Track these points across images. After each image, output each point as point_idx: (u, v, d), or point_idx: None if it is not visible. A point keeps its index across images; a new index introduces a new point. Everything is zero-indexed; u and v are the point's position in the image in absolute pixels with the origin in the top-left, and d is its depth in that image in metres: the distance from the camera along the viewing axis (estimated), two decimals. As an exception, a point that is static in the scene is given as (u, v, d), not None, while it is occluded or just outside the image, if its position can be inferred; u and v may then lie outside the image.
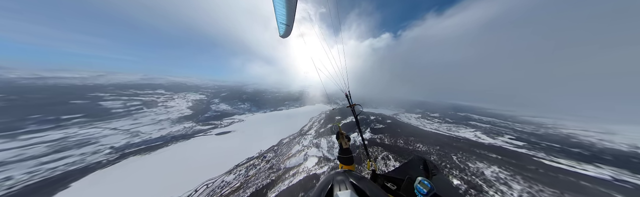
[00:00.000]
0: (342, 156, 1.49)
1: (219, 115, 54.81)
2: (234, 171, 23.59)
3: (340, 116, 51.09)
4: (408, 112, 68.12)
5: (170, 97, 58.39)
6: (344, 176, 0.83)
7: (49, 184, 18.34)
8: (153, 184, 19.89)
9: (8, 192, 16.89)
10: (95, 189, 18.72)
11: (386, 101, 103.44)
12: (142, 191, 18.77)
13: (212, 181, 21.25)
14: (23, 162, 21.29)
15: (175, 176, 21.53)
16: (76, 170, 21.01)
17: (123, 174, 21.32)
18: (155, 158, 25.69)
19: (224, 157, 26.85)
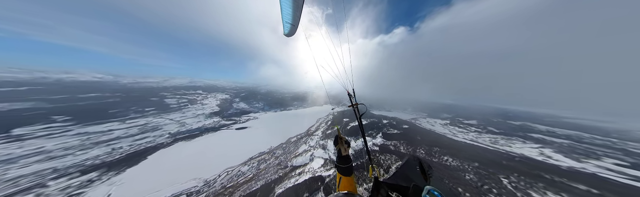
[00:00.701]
0: (340, 165, 1.33)
1: (238, 112, 64.24)
2: (248, 163, 26.84)
3: (348, 118, 46.83)
4: (431, 117, 61.04)
5: (206, 96, 74.15)
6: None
7: (137, 154, 27.96)
8: (190, 164, 26.35)
9: (119, 157, 27.21)
10: (159, 162, 26.86)
11: (402, 103, 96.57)
12: (184, 169, 25.43)
13: (231, 169, 25.30)
14: (127, 138, 32.83)
15: (205, 161, 27.39)
16: (150, 147, 30.83)
17: (174, 154, 29.64)
18: (193, 144, 33.94)
19: (241, 149, 31.15)
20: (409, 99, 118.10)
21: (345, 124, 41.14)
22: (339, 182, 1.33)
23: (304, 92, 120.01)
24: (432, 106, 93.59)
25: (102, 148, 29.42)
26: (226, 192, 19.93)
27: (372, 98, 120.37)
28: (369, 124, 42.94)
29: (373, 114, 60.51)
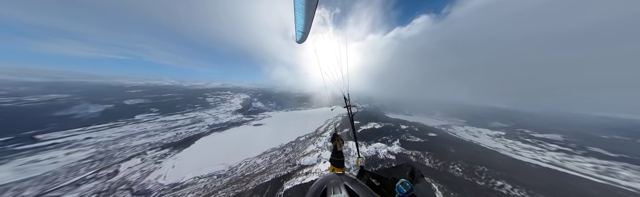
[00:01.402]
0: (334, 159, 1.56)
1: (256, 110, 76.23)
2: (262, 156, 30.24)
3: (359, 121, 43.46)
4: (472, 126, 50.27)
5: (232, 96, 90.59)
6: (338, 179, 0.91)
7: (189, 139, 38.82)
8: (220, 151, 33.16)
9: (180, 140, 38.77)
10: (201, 147, 36.20)
11: (427, 106, 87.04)
12: (216, 154, 32.32)
13: (249, 159, 29.14)
14: (184, 126, 45.95)
15: (230, 150, 32.50)
16: (196, 135, 41.95)
17: (210, 142, 39.16)
18: (223, 135, 43.51)
19: (257, 143, 36.19)
20: (436, 101, 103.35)
21: (356, 127, 39.12)
22: (332, 172, 1.61)
23: (312, 93, 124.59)
24: (474, 110, 77.81)
25: (171, 132, 42.24)
26: (244, 180, 23.02)
27: (385, 99, 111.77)
28: (383, 128, 37.93)
29: (388, 117, 53.31)
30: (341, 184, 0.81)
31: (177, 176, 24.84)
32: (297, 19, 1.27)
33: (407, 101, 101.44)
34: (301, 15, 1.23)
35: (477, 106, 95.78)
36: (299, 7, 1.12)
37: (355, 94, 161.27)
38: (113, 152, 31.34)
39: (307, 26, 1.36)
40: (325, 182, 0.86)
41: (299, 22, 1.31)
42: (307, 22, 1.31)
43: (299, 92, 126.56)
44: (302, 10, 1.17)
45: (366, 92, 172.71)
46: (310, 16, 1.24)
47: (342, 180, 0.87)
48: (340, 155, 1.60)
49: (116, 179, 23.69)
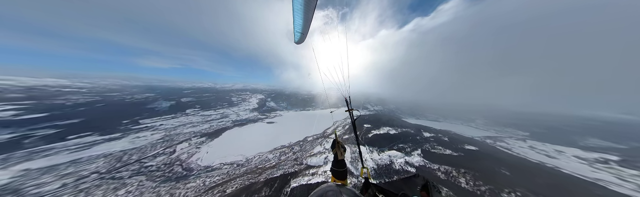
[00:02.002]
0: (335, 169, 1.36)
1: (269, 109, 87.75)
2: (273, 152, 33.47)
3: (370, 124, 39.03)
4: (542, 141, 37.70)
5: (251, 96, 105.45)
6: (336, 192, 0.76)
7: (218, 131, 49.89)
8: (239, 144, 38.37)
9: (212, 131, 50.33)
10: (226, 138, 45.71)
11: (461, 110, 73.61)
12: (236, 146, 39.45)
13: (261, 154, 32.94)
14: (215, 120, 59.49)
15: (247, 143, 38.18)
16: (223, 128, 53.43)
17: (233, 134, 48.94)
18: (242, 130, 52.95)
19: (269, 139, 40.50)
20: (474, 105, 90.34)
21: (367, 131, 34.63)
22: None
23: (319, 94, 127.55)
24: (546, 120, 58.21)
25: (207, 124, 54.92)
26: (257, 172, 25.03)
27: (401, 102, 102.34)
28: (399, 134, 33.32)
29: (405, 122, 46.34)
30: (341, 195, 0.71)
31: (209, 160, 32.93)
32: (296, 20, 1.26)
33: (431, 104, 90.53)
34: (300, 17, 1.22)
35: (552, 114, 71.19)
36: (297, 7, 1.12)
37: (365, 94, 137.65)
38: (173, 136, 44.50)
39: (306, 27, 1.36)
40: (324, 193, 0.76)
41: (298, 23, 1.30)
42: (306, 23, 1.30)
43: (307, 93, 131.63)
44: (300, 12, 1.17)
45: (378, 93, 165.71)
46: (308, 18, 1.24)
47: (341, 193, 0.75)
48: (342, 165, 1.39)
49: (174, 156, 34.51)
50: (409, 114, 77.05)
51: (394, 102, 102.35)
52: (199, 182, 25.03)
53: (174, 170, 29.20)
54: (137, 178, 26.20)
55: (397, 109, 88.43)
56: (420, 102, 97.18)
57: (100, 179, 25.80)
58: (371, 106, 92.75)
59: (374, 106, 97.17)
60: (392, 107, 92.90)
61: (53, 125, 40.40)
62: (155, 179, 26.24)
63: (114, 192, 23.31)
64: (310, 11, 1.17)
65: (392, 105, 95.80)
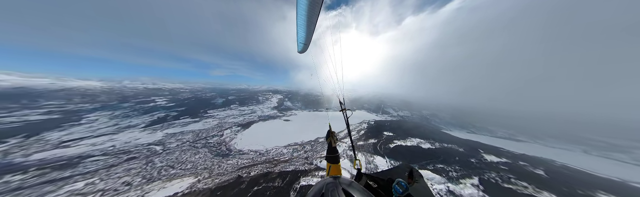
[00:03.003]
0: (329, 155, 1.65)
1: (286, 108, 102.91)
2: (287, 147, 36.19)
3: (392, 132, 37.13)
4: None
5: (272, 96, 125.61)
6: (335, 183, 0.90)
7: (248, 123, 66.32)
8: (262, 136, 44.19)
9: (244, 123, 67.85)
10: (253, 130, 58.39)
11: (558, 124, 52.75)
12: (259, 137, 43.52)
13: (278, 147, 36.42)
14: (247, 114, 78.95)
15: (266, 136, 43.81)
16: (251, 121, 70.31)
17: (258, 127, 62.30)
18: (265, 124, 66.09)
19: (285, 135, 44.56)
20: (580, 117, 66.05)
21: (388, 140, 32.05)
22: (329, 169, 1.64)
23: (332, 96, 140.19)
24: None
25: (241, 117, 73.15)
26: (273, 163, 27.95)
27: (435, 106, 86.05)
28: (436, 151, 27.53)
29: (448, 135, 39.72)
30: (338, 187, 0.82)
31: (241, 146, 40.24)
32: (299, 32, 1.44)
33: (487, 111, 72.53)
34: (303, 30, 1.41)
35: None
36: (301, 22, 1.27)
37: (383, 96, 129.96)
38: (222, 123, 63.21)
39: (308, 39, 1.56)
40: (322, 187, 0.87)
41: (301, 35, 1.48)
42: (308, 36, 1.50)
43: (320, 94, 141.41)
44: (303, 25, 1.34)
45: (401, 95, 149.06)
46: (311, 30, 1.42)
47: (340, 183, 0.89)
48: (335, 151, 1.67)
49: (222, 139, 49.75)
50: (454, 125, 61.41)
51: (425, 106, 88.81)
52: (234, 161, 32.13)
53: (221, 148, 41.87)
54: (204, 149, 41.28)
55: (432, 117, 74.83)
56: (466, 109, 78.63)
57: (189, 145, 43.39)
58: (394, 110, 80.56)
59: (398, 110, 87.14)
60: (426, 113, 79.66)
61: (175, 110, 70.67)
62: (213, 152, 39.60)
63: (194, 155, 38.48)
64: (312, 24, 1.38)
65: (424, 111, 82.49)
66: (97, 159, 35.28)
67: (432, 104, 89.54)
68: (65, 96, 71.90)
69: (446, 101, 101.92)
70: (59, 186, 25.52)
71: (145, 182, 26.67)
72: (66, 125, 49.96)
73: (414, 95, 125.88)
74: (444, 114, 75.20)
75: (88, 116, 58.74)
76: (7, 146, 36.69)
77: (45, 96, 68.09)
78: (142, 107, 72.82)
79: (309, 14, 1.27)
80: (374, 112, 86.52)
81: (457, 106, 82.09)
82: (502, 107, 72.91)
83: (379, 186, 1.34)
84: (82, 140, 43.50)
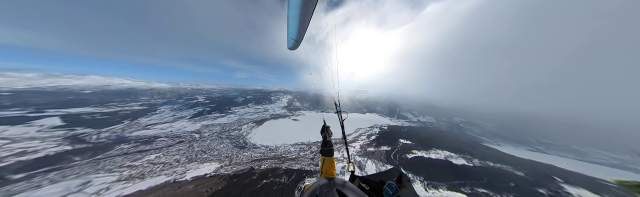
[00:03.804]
0: (324, 149, 1.75)
1: (295, 108, 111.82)
2: (294, 146, 38.29)
3: (409, 140, 34.27)
4: None
5: (283, 96, 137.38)
6: (329, 184, 0.94)
7: (262, 120, 77.31)
8: (273, 133, 49.88)
9: (258, 120, 79.75)
10: (265, 127, 67.85)
11: None
12: (270, 134, 49.61)
13: (286, 144, 39.46)
14: (261, 112, 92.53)
15: (277, 134, 48.74)
16: (264, 119, 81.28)
17: (270, 124, 71.73)
18: (276, 122, 74.66)
19: (293, 134, 47.12)
20: None
21: (405, 149, 29.52)
22: (323, 162, 1.70)
23: (341, 97, 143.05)
24: None
25: (256, 115, 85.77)
26: (281, 159, 30.03)
27: (473, 111, 70.86)
28: (477, 169, 21.83)
29: (493, 150, 31.82)
30: (333, 188, 0.84)
31: (255, 140, 45.80)
32: (290, 27, 1.28)
33: (561, 120, 55.00)
34: (294, 25, 1.24)
35: None
36: (293, 15, 1.12)
37: (398, 98, 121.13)
38: (241, 119, 75.88)
39: (300, 35, 1.40)
40: (316, 188, 0.90)
41: (292, 30, 1.32)
42: (300, 32, 1.34)
43: (329, 95, 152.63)
44: (296, 19, 1.17)
45: (422, 97, 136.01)
46: (303, 27, 1.26)
47: (334, 184, 0.92)
48: (329, 145, 1.76)
49: (240, 133, 60.75)
50: (505, 138, 48.52)
51: (457, 111, 74.12)
52: (248, 154, 35.90)
53: (239, 141, 50.06)
54: (227, 140, 50.92)
55: (468, 125, 60.90)
56: (524, 116, 60.07)
57: (216, 136, 55.22)
58: (413, 115, 74.97)
59: (418, 115, 79.40)
60: (458, 120, 66.94)
61: (209, 106, 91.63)
62: (233, 143, 48.28)
63: (219, 144, 48.26)
64: (306, 20, 1.20)
65: (456, 117, 69.45)
66: (162, 139, 51.09)
67: (467, 109, 75.51)
68: (150, 94, 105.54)
69: (484, 105, 77.86)
70: (143, 155, 40.01)
71: (187, 161, 37.03)
72: (149, 114, 74.79)
73: (438, 98, 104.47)
74: (486, 122, 59.98)
75: (160, 108, 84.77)
76: (123, 125, 61.07)
77: (141, 94, 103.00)
78: (189, 103, 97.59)
79: (303, 6, 1.09)
80: (388, 116, 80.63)
81: (508, 112, 64.50)
82: (588, 117, 46.82)
83: (371, 188, 1.41)
84: (156, 125, 63.43)
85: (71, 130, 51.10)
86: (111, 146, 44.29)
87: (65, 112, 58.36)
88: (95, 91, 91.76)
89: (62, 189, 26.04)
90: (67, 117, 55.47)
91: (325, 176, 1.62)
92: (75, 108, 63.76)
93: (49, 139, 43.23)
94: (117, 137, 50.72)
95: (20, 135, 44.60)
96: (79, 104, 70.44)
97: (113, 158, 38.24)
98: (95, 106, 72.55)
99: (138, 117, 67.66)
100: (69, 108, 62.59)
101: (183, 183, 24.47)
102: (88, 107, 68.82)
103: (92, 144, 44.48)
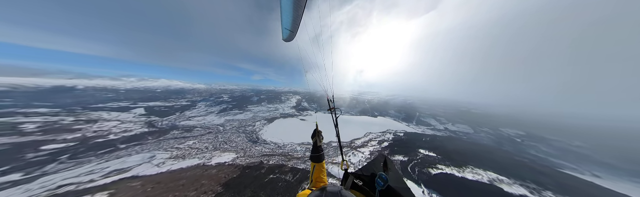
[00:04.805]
0: (313, 155, 1.71)
1: (303, 108, 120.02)
2: (300, 145, 41.48)
3: (433, 151, 28.40)
4: None
5: (292, 96, 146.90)
6: (322, 195, 0.89)
7: (272, 119, 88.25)
8: (281, 131, 63.63)
9: (269, 117, 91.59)
10: (275, 125, 78.10)
11: None
12: (279, 132, 63.38)
13: (293, 143, 42.32)
14: (272, 111, 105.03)
15: (285, 132, 55.69)
16: (274, 117, 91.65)
17: (280, 123, 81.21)
18: (285, 121, 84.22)
19: (299, 134, 50.22)
20: None
21: (426, 162, 24.95)
22: (313, 169, 1.66)
23: (348, 98, 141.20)
24: None
25: (268, 113, 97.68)
26: (287, 157, 31.98)
27: (528, 115, 53.72)
28: None
29: (576, 179, 22.89)
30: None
31: (266, 136, 58.85)
32: (284, 16, 1.19)
33: None
34: (289, 13, 1.15)
35: None
36: (286, 2, 1.03)
37: (416, 101, 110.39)
38: (255, 117, 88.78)
39: (295, 25, 1.29)
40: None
41: (286, 20, 1.23)
42: (295, 21, 1.24)
43: (337, 96, 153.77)
44: (290, 7, 1.09)
45: (452, 101, 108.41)
46: (298, 14, 1.16)
47: (328, 194, 0.89)
48: (319, 150, 1.71)
49: (254, 128, 70.99)
50: (614, 168, 31.31)
51: (511, 121, 51.32)
52: (259, 148, 40.80)
53: (253, 136, 58.96)
54: (242, 135, 61.06)
55: (534, 140, 41.10)
56: None
57: (235, 130, 66.91)
58: (438, 121, 60.50)
59: (446, 122, 63.02)
60: (512, 133, 46.17)
61: (231, 104, 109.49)
62: (247, 137, 57.12)
63: (237, 137, 58.26)
64: (300, 7, 1.12)
65: (509, 128, 47.78)
66: (198, 129, 66.07)
67: (527, 119, 51.03)
68: (192, 92, 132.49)
69: (571, 115, 51.92)
70: (185, 140, 53.51)
71: (212, 149, 46.95)
72: (191, 108, 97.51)
73: (476, 102, 79.06)
74: (570, 139, 39.71)
75: (198, 104, 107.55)
76: (175, 116, 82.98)
77: (187, 92, 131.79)
78: (217, 100, 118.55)
79: None
80: (405, 121, 73.55)
81: (613, 127, 41.11)
82: None
83: (364, 183, 1.42)
84: (194, 117, 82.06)
85: (148, 117, 75.54)
86: (168, 131, 61.39)
87: (146, 105, 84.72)
88: (162, 90, 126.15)
89: (139, 159, 39.22)
90: (147, 108, 79.96)
91: (315, 184, 1.58)
92: (152, 102, 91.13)
93: (138, 123, 65.27)
94: (172, 124, 70.00)
95: (126, 119, 69.85)
96: (154, 99, 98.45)
97: (168, 140, 53.03)
98: (161, 100, 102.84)
99: (184, 111, 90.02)
100: (149, 102, 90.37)
101: (209, 167, 29.55)
102: (158, 101, 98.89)
103: (157, 129, 63.02)
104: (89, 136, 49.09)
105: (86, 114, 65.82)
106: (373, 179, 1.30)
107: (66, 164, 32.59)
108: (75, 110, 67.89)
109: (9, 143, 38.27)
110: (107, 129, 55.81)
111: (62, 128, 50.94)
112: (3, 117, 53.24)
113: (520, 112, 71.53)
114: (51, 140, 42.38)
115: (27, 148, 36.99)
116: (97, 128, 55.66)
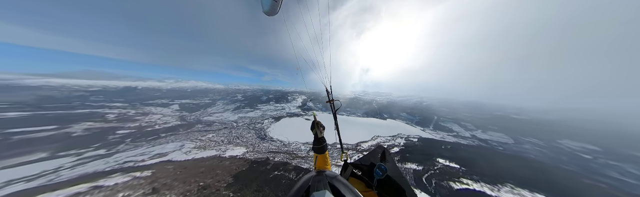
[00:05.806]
0: (316, 146, 1.73)
1: (309, 108, 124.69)
2: (304, 145, 40.23)
3: (455, 162, 26.70)
4: None
5: (299, 97, 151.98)
6: (320, 176, 0.94)
7: (279, 117, 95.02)
8: (287, 129, 56.26)
9: (276, 116, 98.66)
10: (282, 123, 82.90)
11: None
12: (285, 130, 56.07)
13: (297, 142, 42.48)
14: (279, 110, 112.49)
15: (290, 131, 53.56)
16: (281, 116, 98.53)
17: (286, 122, 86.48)
18: (291, 120, 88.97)
19: (304, 133, 48.77)
20: None
21: (448, 174, 23.25)
22: (316, 159, 1.72)
23: (352, 99, 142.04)
24: None
25: (275, 112, 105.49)
26: (292, 155, 32.82)
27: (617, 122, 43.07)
28: None
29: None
30: (324, 181, 0.86)
31: (272, 134, 52.36)
32: None
33: None
34: None
35: None
36: None
37: (433, 102, 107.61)
38: (263, 115, 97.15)
39: None
40: (308, 180, 0.93)
41: None
42: None
43: (344, 96, 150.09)
44: None
45: (482, 104, 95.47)
46: None
47: (325, 177, 0.94)
48: (321, 142, 1.68)
49: (262, 126, 77.59)
50: None
51: (574, 130, 41.22)
52: (267, 145, 41.73)
53: (261, 133, 54.53)
54: (252, 131, 66.88)
55: (623, 161, 32.86)
56: None
57: (246, 126, 74.70)
58: (463, 128, 51.90)
59: (475, 129, 53.85)
60: (580, 148, 36.44)
61: (244, 102, 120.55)
62: (256, 134, 61.61)
63: (247, 133, 64.55)
64: None
65: (571, 141, 39.00)
66: (216, 124, 76.87)
67: (594, 125, 40.02)
68: (213, 92, 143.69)
69: None
70: (207, 133, 63.36)
71: (227, 143, 53.96)
72: (212, 106, 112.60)
73: (519, 106, 60.53)
74: None
75: (217, 102, 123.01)
76: (199, 112, 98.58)
77: (210, 92, 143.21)
78: (233, 99, 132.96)
79: None
80: (420, 125, 64.51)
81: None
82: None
83: (363, 172, 1.52)
84: (214, 114, 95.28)
85: (181, 112, 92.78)
86: (194, 124, 73.78)
87: (180, 102, 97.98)
88: (191, 90, 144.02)
89: (173, 147, 48.79)
90: (181, 105, 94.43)
91: None
92: (184, 99, 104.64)
93: (174, 117, 75.31)
94: (197, 119, 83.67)
95: (166, 113, 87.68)
96: (185, 97, 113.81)
97: (194, 132, 63.62)
98: (190, 98, 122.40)
99: (207, 108, 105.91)
100: (182, 99, 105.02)
101: (223, 159, 32.32)
102: (188, 99, 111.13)
103: (187, 122, 76.69)
104: (143, 126, 64.74)
105: (142, 108, 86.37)
106: (371, 169, 1.32)
107: (129, 146, 42.67)
108: (136, 105, 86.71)
109: (100, 127, 53.42)
110: (154, 121, 72.25)
111: (128, 118, 65.70)
112: (97, 109, 72.28)
113: (585, 119, 51.24)
114: (122, 127, 55.56)
115: (110, 132, 50.72)
116: (148, 119, 73.10)
